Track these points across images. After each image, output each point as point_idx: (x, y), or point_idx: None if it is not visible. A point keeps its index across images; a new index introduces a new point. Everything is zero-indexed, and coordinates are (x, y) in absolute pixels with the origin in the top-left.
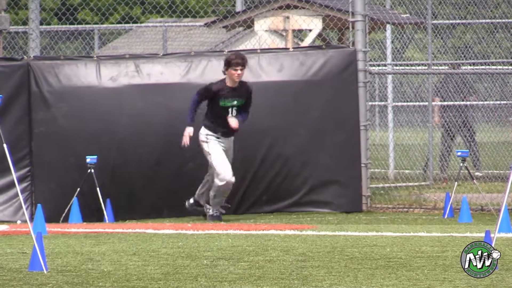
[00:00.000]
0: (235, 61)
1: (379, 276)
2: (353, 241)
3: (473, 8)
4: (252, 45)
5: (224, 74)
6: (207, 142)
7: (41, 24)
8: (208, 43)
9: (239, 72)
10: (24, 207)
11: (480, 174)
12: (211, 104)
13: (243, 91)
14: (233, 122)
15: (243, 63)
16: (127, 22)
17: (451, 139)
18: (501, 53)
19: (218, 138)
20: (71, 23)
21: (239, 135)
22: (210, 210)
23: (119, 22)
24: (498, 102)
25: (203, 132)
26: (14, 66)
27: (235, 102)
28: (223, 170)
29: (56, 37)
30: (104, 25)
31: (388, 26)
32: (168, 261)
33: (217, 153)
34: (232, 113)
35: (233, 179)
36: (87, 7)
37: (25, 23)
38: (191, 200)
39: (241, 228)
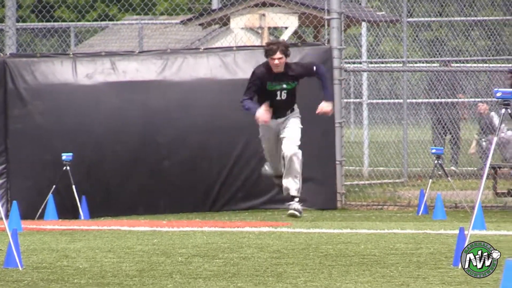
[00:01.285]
0: (272, 49)
1: (353, 273)
2: (327, 238)
3: (448, 6)
4: (228, 42)
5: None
6: (260, 128)
7: (18, 21)
8: (184, 41)
9: (276, 62)
10: None
11: (455, 170)
12: (261, 90)
13: (293, 73)
14: (325, 107)
15: (280, 49)
16: (104, 20)
17: (444, 135)
18: (475, 51)
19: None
20: (48, 21)
21: (215, 132)
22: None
23: (95, 20)
24: (473, 99)
25: None
26: None
27: (284, 85)
28: (270, 164)
29: (33, 34)
30: (80, 23)
31: (364, 24)
32: (143, 258)
33: (265, 145)
34: (282, 96)
35: (276, 174)
36: (64, 4)
37: (1, 20)
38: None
39: (216, 225)
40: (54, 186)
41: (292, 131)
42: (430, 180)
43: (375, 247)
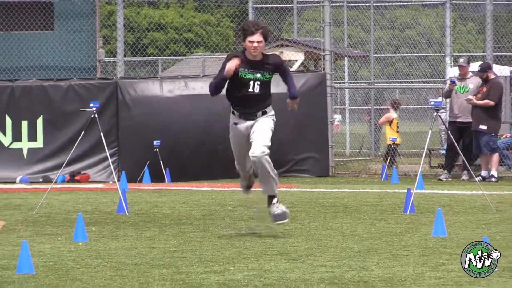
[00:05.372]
0: (250, 29)
1: (339, 217)
2: (323, 195)
3: (402, 47)
4: None
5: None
6: (230, 129)
7: (125, 56)
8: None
9: (255, 44)
10: (113, 172)
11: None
12: (231, 79)
13: (268, 64)
14: (293, 104)
15: (260, 31)
16: (180, 55)
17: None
18: (418, 75)
19: (236, 124)
20: (143, 55)
21: None
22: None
23: (174, 55)
24: (416, 106)
25: (230, 119)
26: (107, 83)
27: (258, 75)
28: (237, 165)
29: (134, 64)
30: (165, 57)
31: (346, 58)
32: (206, 207)
33: (234, 148)
34: (254, 89)
35: (246, 173)
36: (153, 46)
37: (114, 55)
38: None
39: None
40: (148, 162)
41: (261, 134)
42: (388, 158)
43: (354, 201)
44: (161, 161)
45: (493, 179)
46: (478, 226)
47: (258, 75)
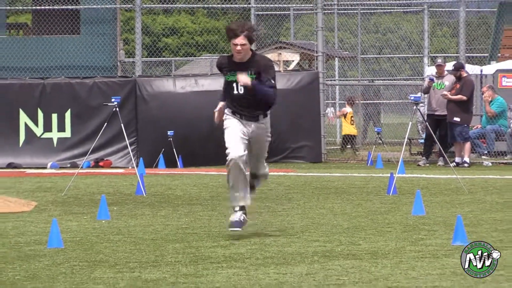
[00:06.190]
0: (234, 32)
1: (331, 198)
2: (316, 178)
3: (385, 49)
4: None
5: None
6: (225, 119)
7: (142, 56)
8: None
9: (238, 48)
10: (132, 159)
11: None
12: (224, 81)
13: (254, 65)
14: (242, 78)
15: (244, 33)
16: (190, 56)
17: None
18: (401, 73)
19: (235, 118)
20: (158, 57)
21: None
22: (233, 213)
23: (185, 56)
24: (398, 101)
25: (226, 111)
26: (127, 80)
27: None
28: (231, 145)
29: (150, 64)
30: (177, 58)
31: (336, 58)
32: (213, 190)
33: (229, 127)
34: (239, 90)
35: (239, 155)
36: (167, 49)
37: (133, 56)
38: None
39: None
40: (163, 149)
41: (259, 164)
42: (374, 146)
43: (343, 183)
44: (174, 149)
45: (466, 165)
46: (453, 206)
47: None
